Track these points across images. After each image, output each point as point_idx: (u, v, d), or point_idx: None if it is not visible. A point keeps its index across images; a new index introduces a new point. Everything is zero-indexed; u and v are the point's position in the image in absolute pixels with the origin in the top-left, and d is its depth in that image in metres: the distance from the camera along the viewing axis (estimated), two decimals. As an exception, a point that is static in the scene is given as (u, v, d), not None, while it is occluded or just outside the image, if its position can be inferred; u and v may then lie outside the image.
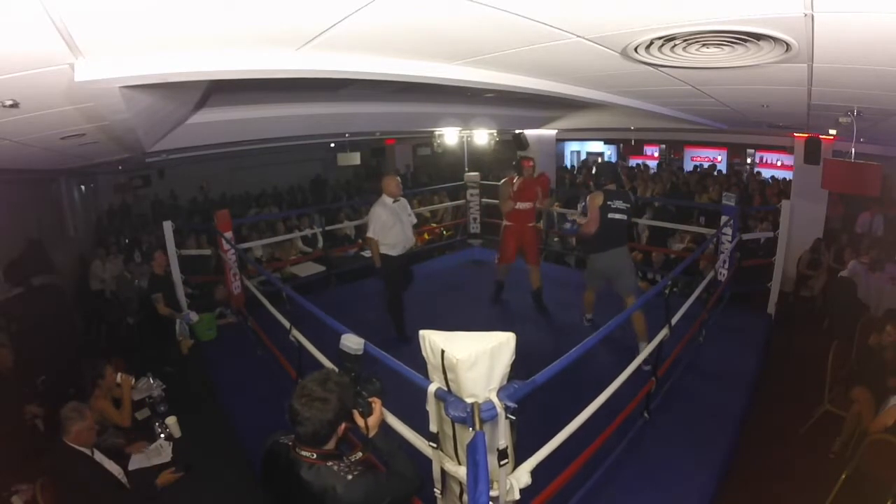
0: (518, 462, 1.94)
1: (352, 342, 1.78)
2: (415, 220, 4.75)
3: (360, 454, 1.55)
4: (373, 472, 1.49)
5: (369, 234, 4.33)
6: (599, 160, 13.32)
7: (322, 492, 1.39)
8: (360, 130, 7.42)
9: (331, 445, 1.47)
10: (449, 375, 1.72)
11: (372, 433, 1.58)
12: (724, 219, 5.17)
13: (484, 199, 7.40)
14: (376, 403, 1.61)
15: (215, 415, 3.62)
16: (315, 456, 1.43)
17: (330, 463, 1.43)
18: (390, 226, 4.31)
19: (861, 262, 5.29)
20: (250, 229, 7.39)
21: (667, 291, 3.30)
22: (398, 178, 4.65)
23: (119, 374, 3.11)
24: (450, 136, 8.08)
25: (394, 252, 4.37)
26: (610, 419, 2.78)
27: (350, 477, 1.40)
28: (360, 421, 1.55)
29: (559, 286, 5.92)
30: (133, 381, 3.26)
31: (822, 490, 2.80)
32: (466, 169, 8.09)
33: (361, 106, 5.44)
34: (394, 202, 4.41)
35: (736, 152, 11.14)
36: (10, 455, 2.73)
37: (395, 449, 1.61)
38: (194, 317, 4.67)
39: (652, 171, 11.00)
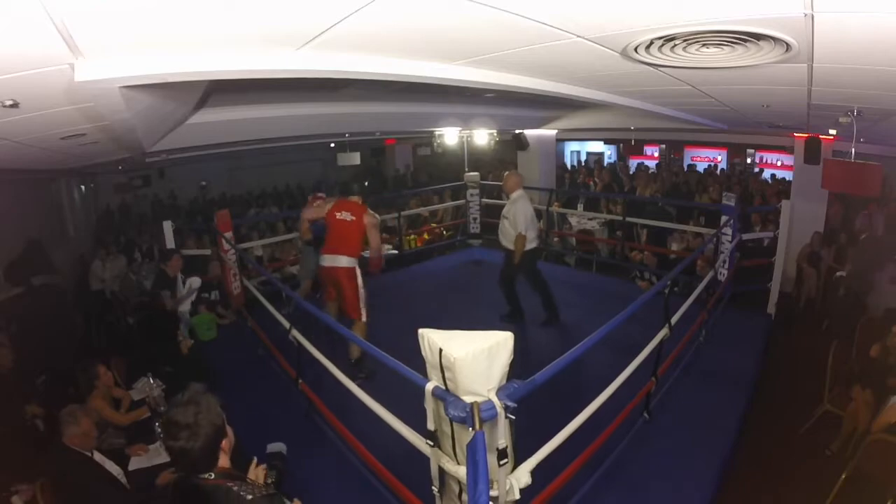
0: (518, 462, 1.95)
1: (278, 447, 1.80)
2: (509, 221, 4.71)
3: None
4: (272, 497, 1.44)
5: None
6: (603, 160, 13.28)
7: None
8: (360, 130, 7.43)
9: (224, 462, 1.43)
10: (447, 374, 1.72)
11: None
12: (724, 219, 5.17)
13: (484, 200, 7.41)
14: None
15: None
16: (213, 476, 1.38)
17: (230, 484, 1.38)
18: None
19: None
20: (250, 229, 7.39)
21: (666, 291, 3.30)
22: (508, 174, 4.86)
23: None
24: (450, 136, 8.08)
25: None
26: (610, 419, 2.78)
27: (250, 497, 1.36)
28: None
29: (559, 286, 5.92)
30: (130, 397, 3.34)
31: (822, 490, 2.80)
32: (466, 169, 8.09)
33: (361, 106, 5.44)
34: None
35: (736, 152, 11.12)
36: (10, 455, 2.73)
37: None
38: (196, 283, 4.76)
39: (651, 171, 10.98)
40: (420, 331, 1.81)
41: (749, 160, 10.96)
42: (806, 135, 5.71)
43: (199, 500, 1.37)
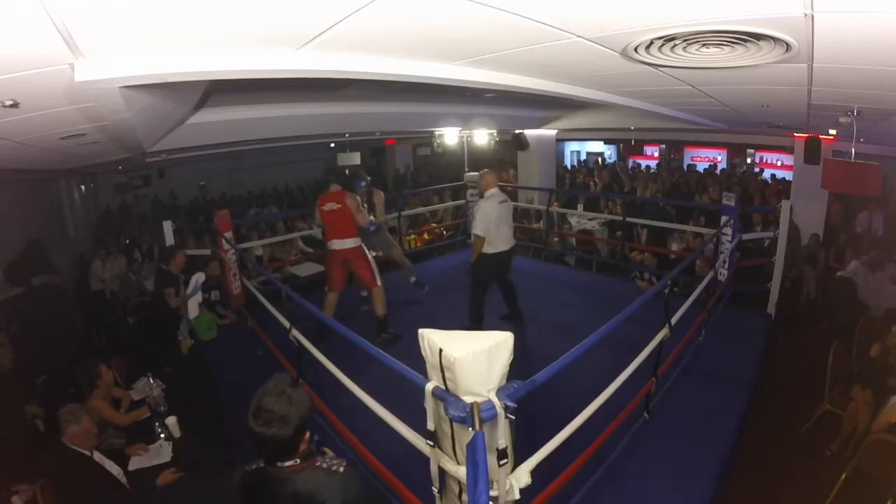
0: (518, 462, 1.95)
1: None
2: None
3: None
4: (350, 463, 1.52)
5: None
6: (599, 160, 13.31)
7: (321, 491, 1.39)
8: (360, 130, 7.43)
9: (304, 447, 1.47)
10: (447, 374, 1.72)
11: None
12: (724, 219, 5.17)
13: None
14: None
15: (215, 415, 3.61)
16: (298, 462, 1.43)
17: (317, 463, 1.45)
18: None
19: (861, 262, 5.28)
20: (250, 229, 7.40)
21: (666, 291, 3.30)
22: (484, 172, 4.68)
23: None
24: (450, 136, 8.08)
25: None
26: (610, 419, 2.78)
27: (342, 469, 1.44)
28: None
29: (559, 286, 5.93)
30: (130, 397, 3.34)
31: (822, 490, 2.80)
32: (466, 169, 8.10)
33: (361, 106, 5.45)
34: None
35: (736, 152, 11.13)
36: (10, 455, 2.73)
37: None
38: (200, 278, 4.81)
39: (652, 171, 10.99)
40: (420, 331, 1.81)
41: (749, 160, 10.97)
42: (806, 135, 5.72)
43: (280, 493, 1.41)
